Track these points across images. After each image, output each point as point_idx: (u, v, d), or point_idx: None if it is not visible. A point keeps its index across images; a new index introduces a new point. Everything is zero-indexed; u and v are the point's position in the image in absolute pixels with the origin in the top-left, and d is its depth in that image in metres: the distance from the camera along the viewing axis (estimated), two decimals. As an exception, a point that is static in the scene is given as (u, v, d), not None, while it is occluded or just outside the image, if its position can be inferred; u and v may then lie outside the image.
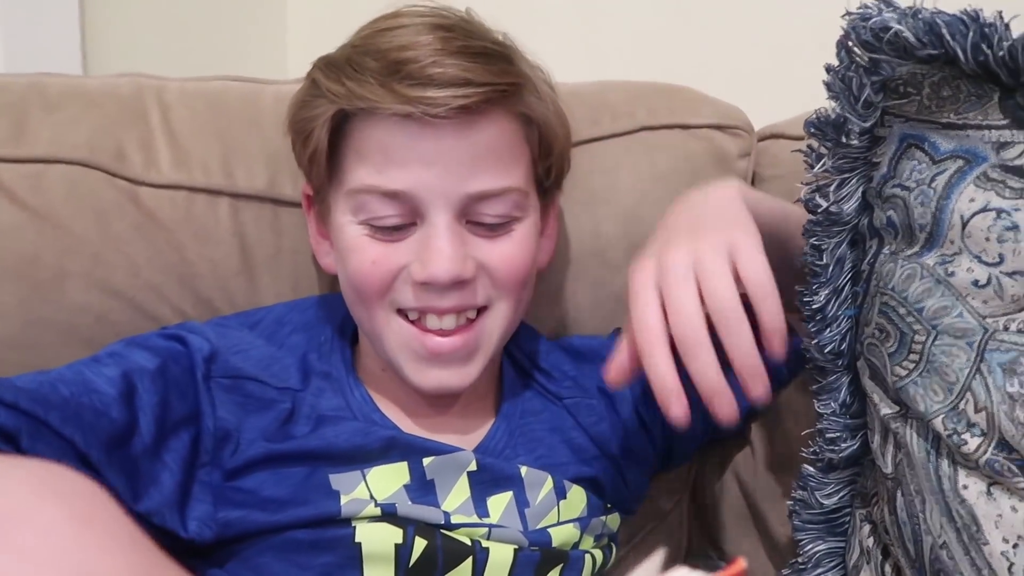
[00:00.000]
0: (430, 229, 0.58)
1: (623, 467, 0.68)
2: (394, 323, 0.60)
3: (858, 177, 0.58)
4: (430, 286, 0.58)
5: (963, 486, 0.53)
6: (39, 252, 0.65)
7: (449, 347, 0.60)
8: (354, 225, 0.60)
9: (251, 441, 0.58)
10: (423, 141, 0.57)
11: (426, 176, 0.58)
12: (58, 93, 0.70)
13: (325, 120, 0.59)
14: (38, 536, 0.25)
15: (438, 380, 0.61)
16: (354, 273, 0.60)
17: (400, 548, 0.56)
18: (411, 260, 0.59)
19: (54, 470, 0.27)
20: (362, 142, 0.59)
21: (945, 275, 0.54)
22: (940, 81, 0.54)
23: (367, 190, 0.59)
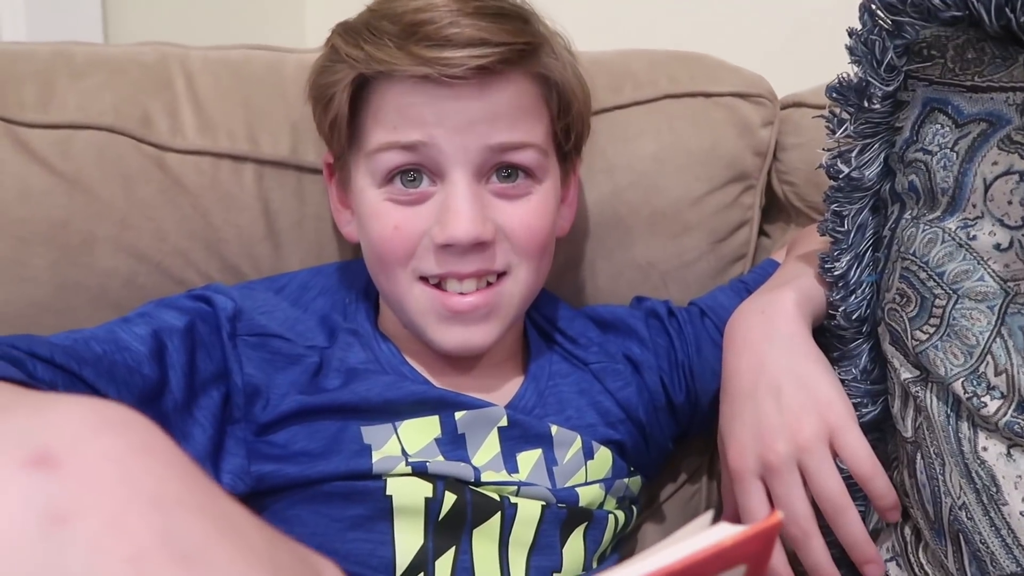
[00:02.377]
0: (449, 189, 0.58)
1: (647, 432, 0.69)
2: (416, 289, 0.61)
3: (880, 142, 0.58)
4: (451, 249, 0.58)
5: (983, 448, 0.54)
6: (69, 217, 0.66)
7: (469, 305, 0.60)
8: (375, 190, 0.60)
9: (283, 395, 0.59)
10: (441, 100, 0.58)
11: (444, 130, 0.58)
12: (84, 61, 0.70)
13: (345, 85, 0.60)
14: (101, 464, 0.25)
15: (460, 339, 0.61)
16: (377, 239, 0.60)
17: (430, 502, 0.57)
18: (432, 225, 0.59)
19: (104, 403, 0.28)
20: (380, 104, 0.59)
21: (967, 239, 0.54)
22: (964, 44, 0.53)
23: (385, 147, 0.59)
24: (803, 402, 0.57)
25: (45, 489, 0.24)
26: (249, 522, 0.27)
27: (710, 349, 0.71)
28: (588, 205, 0.76)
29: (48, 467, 0.24)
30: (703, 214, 0.77)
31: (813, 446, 0.56)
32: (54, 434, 0.26)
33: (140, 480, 0.25)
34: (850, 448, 0.56)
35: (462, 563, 0.57)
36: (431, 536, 0.57)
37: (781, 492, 0.56)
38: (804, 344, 0.60)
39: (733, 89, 0.77)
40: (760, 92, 0.78)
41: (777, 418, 0.57)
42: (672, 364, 0.71)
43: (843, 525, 0.56)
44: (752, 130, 0.77)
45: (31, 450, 0.25)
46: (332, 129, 0.62)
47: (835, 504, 0.55)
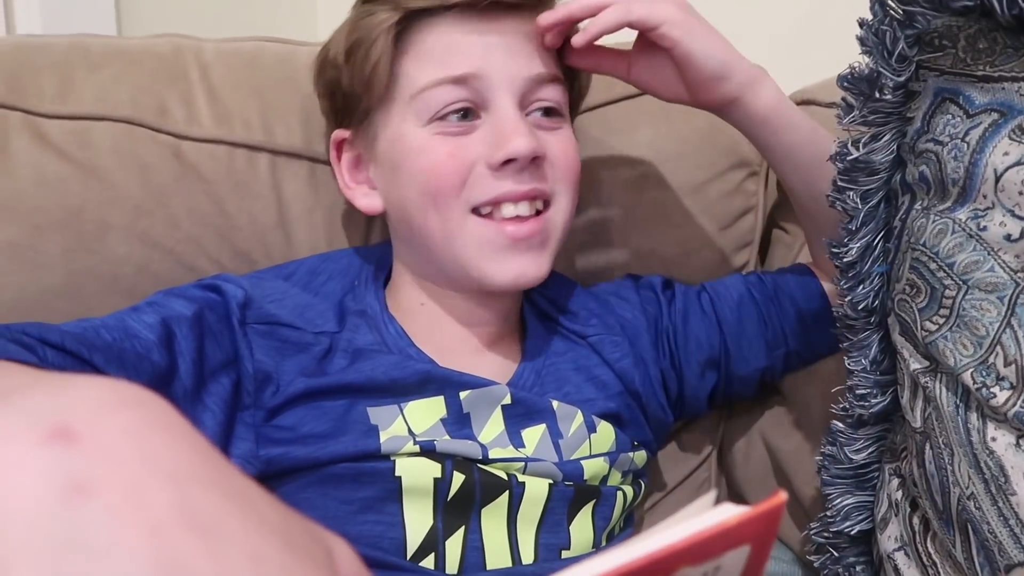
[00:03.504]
0: (499, 113, 0.61)
1: (643, 402, 0.69)
2: (470, 223, 0.61)
3: (891, 132, 0.58)
4: (509, 166, 0.60)
5: (991, 438, 0.54)
6: (84, 205, 0.67)
7: (527, 231, 0.61)
8: (420, 128, 0.62)
9: (290, 381, 0.60)
10: (485, 33, 0.61)
11: (490, 60, 0.61)
12: (100, 53, 0.71)
13: (388, 28, 0.61)
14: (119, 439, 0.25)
15: (518, 269, 0.62)
16: (429, 171, 0.61)
17: (439, 482, 0.57)
18: (482, 152, 0.61)
19: (120, 382, 0.28)
20: (424, 44, 0.62)
21: (977, 229, 0.54)
22: (976, 33, 0.53)
23: (435, 84, 0.61)
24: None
25: (65, 462, 0.24)
26: (262, 497, 0.28)
27: (696, 320, 0.72)
28: (590, 196, 0.76)
29: (68, 441, 0.25)
30: (705, 202, 0.78)
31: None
32: (73, 410, 0.26)
33: (157, 455, 0.26)
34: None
35: (472, 542, 0.58)
36: (440, 516, 0.57)
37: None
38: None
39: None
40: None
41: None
42: (658, 330, 0.72)
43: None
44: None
45: (51, 425, 0.25)
46: (370, 80, 0.62)
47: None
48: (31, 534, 0.23)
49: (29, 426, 0.25)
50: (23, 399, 0.27)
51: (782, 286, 0.73)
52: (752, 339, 0.72)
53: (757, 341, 0.72)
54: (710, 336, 0.72)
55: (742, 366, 0.73)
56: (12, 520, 0.23)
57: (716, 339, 0.72)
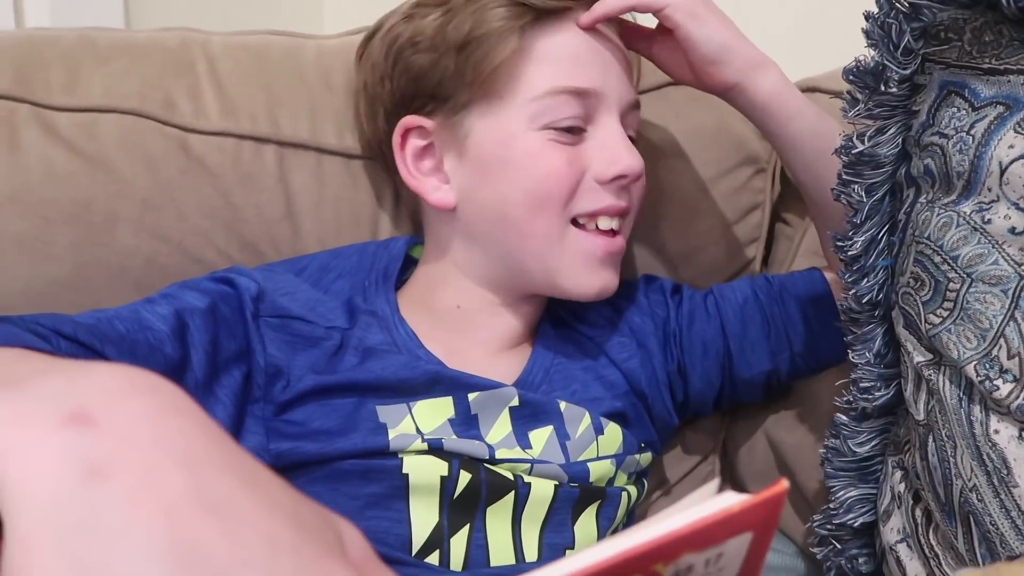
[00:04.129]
0: (606, 130, 0.64)
1: (649, 403, 0.69)
2: (571, 233, 0.64)
3: (897, 125, 0.58)
4: (617, 182, 0.63)
5: (994, 431, 0.54)
6: (92, 197, 0.67)
7: (618, 246, 0.66)
8: (534, 132, 0.62)
9: (300, 376, 0.60)
10: (605, 48, 0.64)
11: (608, 78, 0.64)
12: (108, 46, 0.71)
13: (522, 26, 0.61)
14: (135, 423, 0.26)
15: (604, 282, 0.65)
16: (545, 177, 0.62)
17: (445, 480, 0.58)
18: (591, 165, 0.63)
19: (135, 369, 0.29)
20: (549, 48, 0.63)
21: (982, 223, 0.54)
22: (982, 26, 0.53)
23: (557, 92, 0.62)
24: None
25: (83, 445, 0.25)
26: (273, 480, 0.28)
27: (701, 323, 0.72)
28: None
29: (85, 425, 0.25)
30: (714, 198, 0.78)
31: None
32: (90, 396, 0.27)
33: (171, 439, 0.26)
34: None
35: (476, 540, 0.58)
36: (446, 514, 0.58)
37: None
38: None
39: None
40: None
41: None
42: (666, 334, 0.72)
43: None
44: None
45: (69, 409, 0.26)
46: (484, 78, 0.62)
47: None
48: (49, 515, 0.24)
49: (47, 410, 0.26)
50: (41, 384, 0.27)
51: (789, 288, 0.73)
52: (755, 342, 0.72)
53: (760, 344, 0.72)
54: (714, 339, 0.72)
55: (745, 369, 0.73)
56: (31, 501, 0.24)
57: (719, 342, 0.72)
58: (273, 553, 0.25)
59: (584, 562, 0.27)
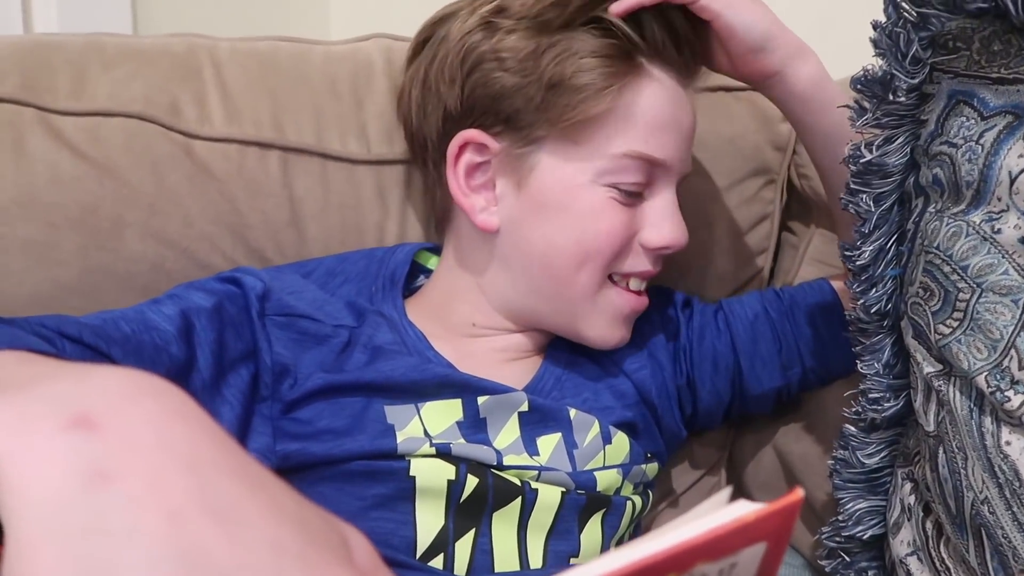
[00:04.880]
0: (663, 198, 0.64)
1: (659, 414, 0.69)
2: (607, 288, 0.65)
3: (905, 135, 0.58)
4: (659, 251, 0.65)
5: (1006, 442, 0.53)
6: (98, 202, 0.67)
7: (643, 305, 0.67)
8: (599, 187, 0.62)
9: (309, 374, 0.60)
10: (684, 116, 0.64)
11: (678, 149, 0.64)
12: (115, 51, 0.71)
13: (617, 88, 0.60)
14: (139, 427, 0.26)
15: (622, 335, 0.67)
16: (601, 234, 0.62)
17: (452, 484, 0.57)
18: (640, 228, 0.64)
19: (140, 372, 0.28)
20: (637, 110, 0.62)
21: (991, 232, 0.54)
22: (991, 35, 0.53)
23: (632, 155, 0.62)
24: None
25: (87, 449, 0.25)
26: (278, 485, 0.28)
27: (712, 338, 0.72)
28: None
29: (90, 429, 0.25)
30: (724, 208, 0.78)
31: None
32: (94, 399, 0.26)
33: (176, 443, 0.26)
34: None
35: (481, 545, 0.58)
36: (452, 518, 0.58)
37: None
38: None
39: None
40: (782, 86, 0.78)
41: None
42: (677, 348, 0.72)
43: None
44: (772, 124, 0.78)
45: (73, 413, 0.26)
46: (571, 125, 0.60)
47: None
48: (54, 518, 0.23)
49: (52, 414, 0.26)
50: (46, 388, 0.27)
51: (799, 302, 0.73)
52: (766, 358, 0.72)
53: (771, 360, 0.72)
54: (724, 355, 0.72)
55: (756, 385, 0.72)
56: (36, 504, 0.24)
57: (730, 358, 0.72)
58: (278, 558, 0.24)
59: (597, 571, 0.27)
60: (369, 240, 0.73)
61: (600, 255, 0.63)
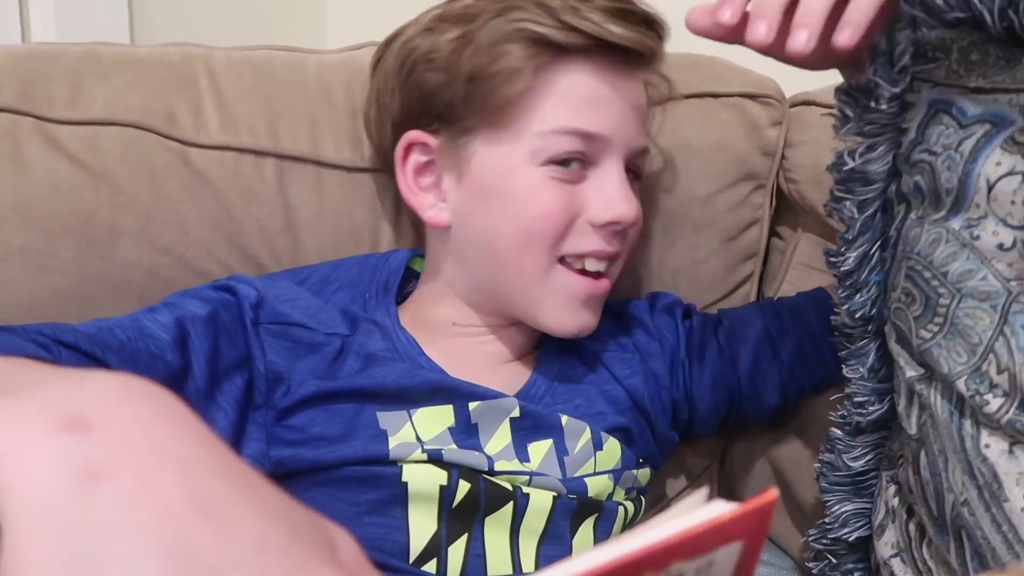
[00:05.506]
0: (607, 173, 0.63)
1: (652, 420, 0.70)
2: (556, 270, 0.63)
3: (887, 143, 0.59)
4: (608, 228, 0.63)
5: (985, 445, 0.54)
6: (94, 210, 0.68)
7: (602, 289, 0.65)
8: (534, 168, 0.62)
9: (302, 382, 0.60)
10: (620, 91, 0.63)
11: (619, 124, 0.63)
12: (111, 60, 0.72)
13: (537, 66, 0.61)
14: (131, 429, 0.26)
15: (583, 321, 0.65)
16: (539, 215, 0.62)
17: (444, 490, 0.58)
18: (586, 207, 0.63)
19: (132, 377, 0.29)
20: (562, 86, 0.62)
21: (970, 239, 0.54)
22: (969, 45, 0.54)
23: (565, 131, 0.61)
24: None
25: (79, 449, 0.25)
26: (265, 485, 0.29)
27: (713, 357, 0.72)
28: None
29: (82, 430, 0.26)
30: (713, 213, 0.79)
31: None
32: (87, 402, 0.27)
33: (166, 444, 0.27)
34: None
35: (474, 550, 0.59)
36: (444, 523, 0.58)
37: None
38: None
39: (741, 90, 0.79)
40: (768, 93, 0.79)
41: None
42: (675, 361, 0.72)
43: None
44: (760, 130, 0.79)
45: (68, 415, 0.26)
46: (494, 107, 0.61)
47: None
48: (46, 516, 0.24)
49: (45, 416, 0.26)
50: (42, 391, 0.28)
51: (800, 316, 0.73)
52: (767, 379, 0.72)
53: (772, 381, 0.73)
54: (724, 373, 0.72)
55: (755, 404, 0.73)
56: (29, 503, 0.24)
57: (730, 376, 0.72)
58: (263, 554, 0.25)
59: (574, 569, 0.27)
60: (364, 247, 0.74)
61: (541, 236, 0.62)
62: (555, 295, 0.64)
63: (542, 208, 0.62)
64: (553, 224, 0.62)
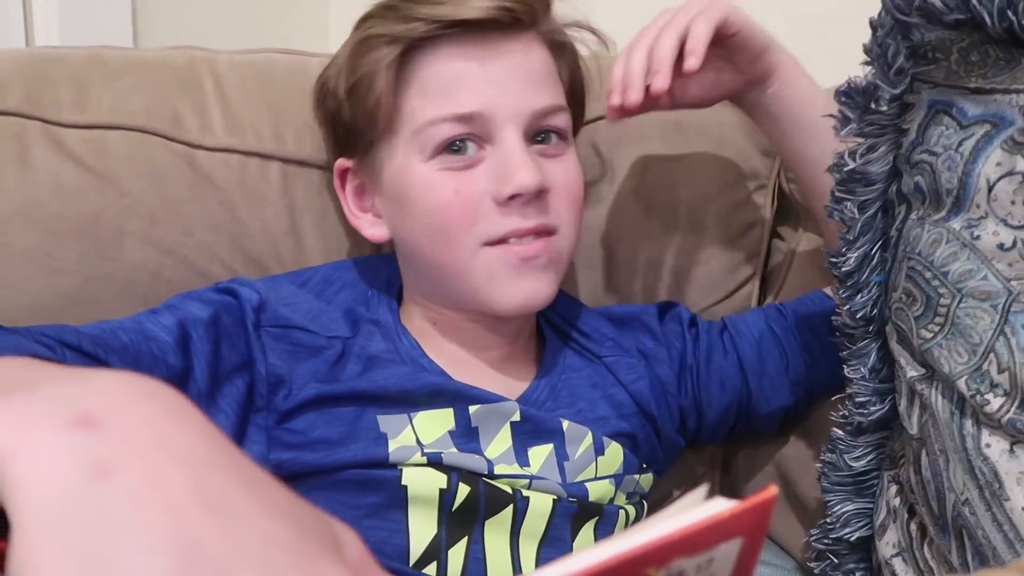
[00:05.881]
0: (504, 147, 0.61)
1: (658, 425, 0.70)
2: (481, 253, 0.61)
3: (887, 144, 0.59)
4: (515, 201, 0.60)
5: (986, 444, 0.54)
6: (100, 212, 0.68)
7: (535, 250, 0.61)
8: (424, 164, 0.62)
9: (303, 385, 0.61)
10: (487, 64, 0.61)
11: (496, 95, 0.61)
12: (117, 64, 0.73)
13: (388, 63, 0.61)
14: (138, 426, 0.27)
15: (528, 290, 0.62)
16: (436, 208, 0.61)
17: (444, 493, 0.58)
18: (489, 186, 0.61)
19: (139, 376, 0.30)
20: (426, 77, 0.61)
21: (971, 239, 0.55)
22: (968, 46, 0.54)
23: (439, 120, 0.61)
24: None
25: (88, 446, 0.26)
26: (271, 482, 0.29)
27: (719, 360, 0.72)
28: (601, 206, 0.77)
29: (92, 428, 0.26)
30: (714, 213, 0.79)
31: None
32: (95, 400, 0.28)
33: (173, 441, 0.27)
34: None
35: (474, 553, 0.59)
36: (444, 526, 0.58)
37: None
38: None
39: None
40: (770, 94, 0.79)
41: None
42: (683, 367, 0.72)
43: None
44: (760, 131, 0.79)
45: (76, 413, 0.27)
46: (373, 115, 0.62)
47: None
48: (56, 512, 0.24)
49: (56, 413, 0.27)
50: (50, 390, 0.28)
51: (802, 317, 0.73)
52: (774, 378, 0.72)
53: (779, 379, 0.73)
54: (732, 376, 0.72)
55: (764, 405, 0.73)
56: (38, 499, 0.25)
57: (737, 378, 0.72)
58: (269, 550, 0.25)
59: (576, 566, 0.28)
60: (366, 249, 0.75)
61: (447, 229, 0.61)
62: (488, 276, 0.62)
63: (436, 201, 0.61)
64: (453, 214, 0.61)
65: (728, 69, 0.67)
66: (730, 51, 0.65)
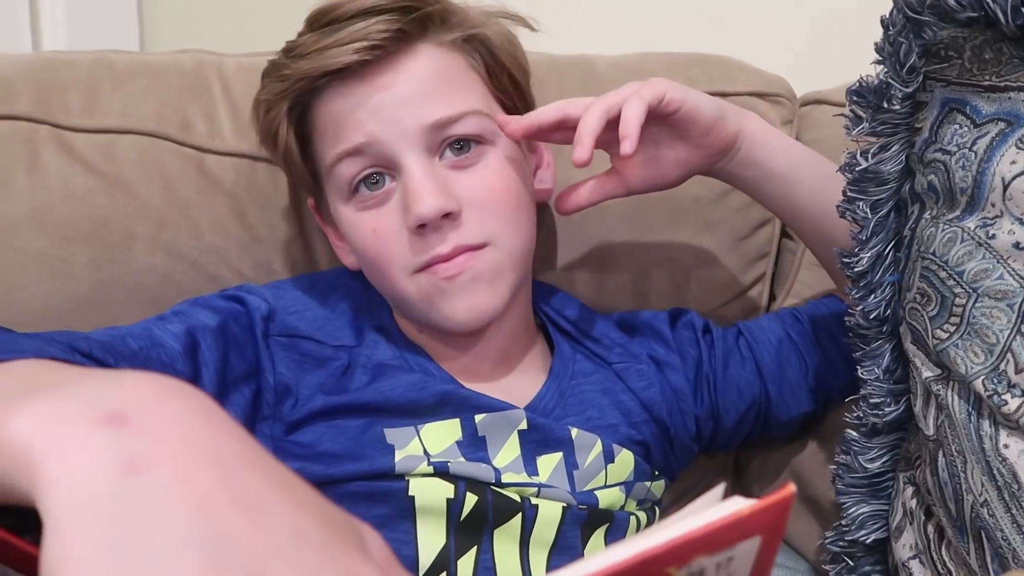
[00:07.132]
0: (406, 175, 0.59)
1: (671, 432, 0.69)
2: (412, 281, 0.60)
3: (900, 142, 0.59)
4: (423, 230, 0.59)
5: (1004, 445, 0.54)
6: (110, 216, 0.69)
7: (456, 267, 0.59)
8: (346, 206, 0.62)
9: (310, 396, 0.61)
10: (369, 93, 0.59)
11: (379, 122, 0.59)
12: (125, 68, 0.73)
13: (283, 117, 0.62)
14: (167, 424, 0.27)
15: (468, 306, 0.60)
16: (362, 248, 0.62)
17: (452, 503, 0.58)
18: (403, 218, 0.59)
19: (165, 376, 0.30)
20: (318, 122, 0.62)
21: (986, 238, 0.54)
22: (982, 44, 0.54)
23: (334, 161, 0.60)
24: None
25: (119, 443, 0.26)
26: (297, 480, 0.29)
27: (736, 367, 0.71)
28: (610, 204, 0.77)
29: (121, 425, 0.27)
30: (724, 212, 0.79)
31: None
32: (124, 399, 0.28)
33: (201, 439, 0.27)
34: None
35: (484, 562, 0.58)
36: (453, 536, 0.58)
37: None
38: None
39: (751, 88, 0.79)
40: (778, 92, 0.79)
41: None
42: (698, 375, 0.71)
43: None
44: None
45: (107, 410, 0.27)
46: (289, 166, 0.64)
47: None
48: (89, 508, 0.25)
49: (87, 411, 0.27)
50: (79, 388, 0.29)
51: (820, 324, 0.72)
52: (794, 384, 0.72)
53: (799, 386, 0.72)
54: (750, 383, 0.72)
55: (784, 412, 0.73)
56: (71, 496, 0.25)
57: (756, 386, 0.72)
58: (300, 546, 0.25)
59: (598, 565, 0.27)
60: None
61: (377, 265, 0.61)
62: (426, 299, 0.61)
63: (361, 241, 0.62)
64: (377, 251, 0.61)
65: (683, 147, 0.63)
66: (677, 128, 0.62)
